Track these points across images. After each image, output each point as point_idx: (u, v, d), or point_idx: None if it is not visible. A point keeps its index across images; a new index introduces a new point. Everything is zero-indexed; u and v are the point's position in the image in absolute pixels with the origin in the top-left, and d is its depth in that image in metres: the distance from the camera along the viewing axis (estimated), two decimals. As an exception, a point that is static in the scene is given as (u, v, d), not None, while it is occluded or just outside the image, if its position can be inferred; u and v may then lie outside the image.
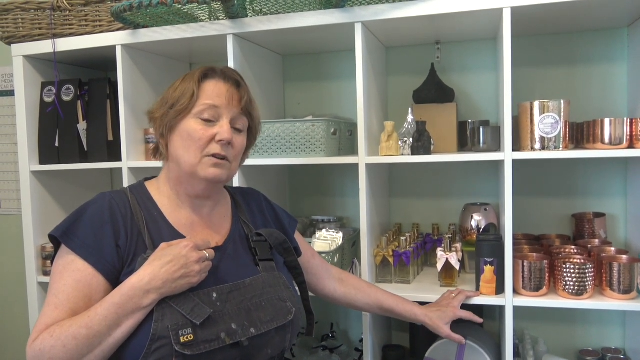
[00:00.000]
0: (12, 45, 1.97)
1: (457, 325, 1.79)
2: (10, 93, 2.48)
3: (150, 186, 1.19)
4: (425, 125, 1.64)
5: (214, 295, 1.05)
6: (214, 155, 1.11)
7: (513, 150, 1.50)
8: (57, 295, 1.01)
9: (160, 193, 1.17)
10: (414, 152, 1.64)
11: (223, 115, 1.13)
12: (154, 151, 1.23)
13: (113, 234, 1.06)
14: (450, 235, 1.68)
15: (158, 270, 0.98)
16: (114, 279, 1.04)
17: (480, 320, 1.50)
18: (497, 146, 1.72)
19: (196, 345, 0.98)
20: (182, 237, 1.11)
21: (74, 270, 1.02)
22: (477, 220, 1.80)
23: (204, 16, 1.72)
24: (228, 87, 1.15)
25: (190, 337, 0.97)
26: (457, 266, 1.63)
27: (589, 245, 1.68)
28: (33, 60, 2.01)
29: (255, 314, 1.08)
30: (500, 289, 1.55)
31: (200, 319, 0.99)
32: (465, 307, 1.65)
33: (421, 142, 1.62)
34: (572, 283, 1.49)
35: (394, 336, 2.07)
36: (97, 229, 1.06)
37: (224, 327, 1.02)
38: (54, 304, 1.00)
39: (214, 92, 1.13)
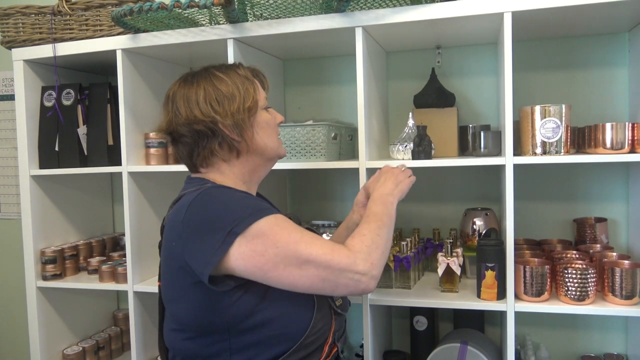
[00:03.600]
0: (13, 49, 1.96)
1: (457, 331, 1.78)
2: (11, 97, 2.48)
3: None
4: (425, 130, 1.63)
5: None
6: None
7: (514, 154, 1.49)
8: (303, 235, 1.06)
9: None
10: (415, 156, 1.64)
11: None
12: (228, 151, 1.20)
13: (255, 200, 1.17)
14: (451, 240, 1.67)
15: (382, 185, 1.32)
16: None
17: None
18: (497, 151, 1.72)
19: (342, 307, 1.21)
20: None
21: (285, 220, 1.08)
22: (478, 225, 1.79)
23: (204, 20, 1.72)
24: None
25: (340, 301, 1.21)
26: (458, 271, 1.62)
27: (591, 251, 1.68)
28: (33, 64, 2.01)
29: None
30: (501, 295, 1.54)
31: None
32: (466, 312, 1.65)
33: (422, 146, 1.62)
34: (573, 288, 1.48)
35: (394, 341, 2.06)
36: (249, 199, 1.14)
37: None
38: (314, 238, 1.06)
39: (258, 84, 1.25)
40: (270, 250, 1.02)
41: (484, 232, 1.78)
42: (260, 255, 1.01)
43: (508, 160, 1.49)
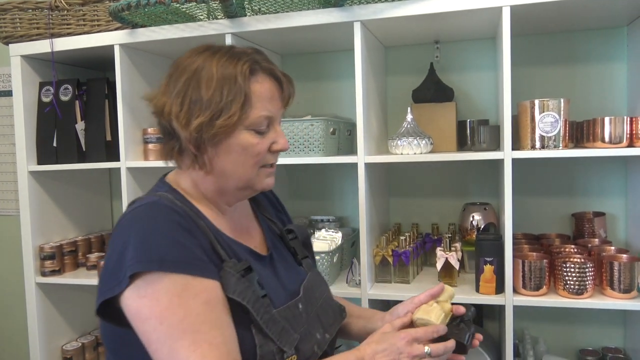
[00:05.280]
0: (10, 45, 1.96)
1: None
2: (8, 93, 2.47)
3: (186, 195, 1.00)
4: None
5: (300, 306, 1.00)
6: (270, 165, 1.02)
7: (513, 149, 1.49)
8: (198, 330, 0.82)
9: (198, 201, 1.00)
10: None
11: (275, 120, 1.00)
12: (189, 161, 0.98)
13: (193, 238, 0.90)
14: (449, 235, 1.67)
15: (372, 355, 0.94)
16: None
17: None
18: (496, 145, 1.72)
19: None
20: (244, 246, 1.01)
21: (195, 294, 0.84)
22: (476, 219, 1.79)
23: (202, 15, 1.72)
24: (273, 84, 0.99)
25: (294, 357, 0.93)
26: (456, 266, 1.62)
27: (589, 245, 1.68)
28: (31, 60, 2.00)
29: (323, 318, 1.05)
30: (500, 289, 1.54)
31: (291, 346, 0.92)
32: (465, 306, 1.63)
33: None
34: (572, 282, 1.48)
35: (393, 336, 2.06)
36: (181, 238, 0.88)
37: (313, 339, 0.99)
38: (205, 342, 0.81)
39: (265, 96, 0.97)
40: (152, 323, 0.82)
41: (482, 226, 1.78)
42: (141, 321, 0.83)
43: (507, 154, 1.49)
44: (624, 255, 1.54)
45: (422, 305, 1.08)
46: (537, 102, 1.51)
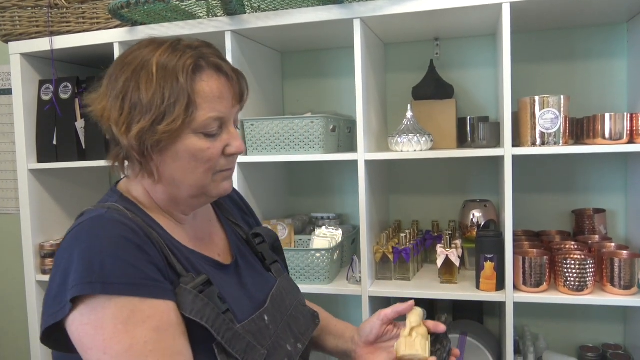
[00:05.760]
0: (10, 43, 1.96)
1: (456, 322, 1.78)
2: (8, 91, 2.47)
3: (139, 204, 0.94)
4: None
5: (266, 318, 0.94)
6: (227, 169, 0.94)
7: (513, 146, 1.49)
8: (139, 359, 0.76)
9: (152, 210, 0.93)
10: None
11: (227, 121, 0.92)
12: (138, 169, 0.91)
13: (144, 254, 0.82)
14: (450, 232, 1.67)
15: None
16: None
17: None
18: (496, 142, 1.72)
19: None
20: (205, 257, 0.95)
21: (143, 320, 0.77)
22: (477, 216, 1.80)
23: (201, 13, 1.72)
24: (222, 81, 0.90)
25: None
26: (457, 263, 1.62)
27: (589, 241, 1.68)
28: (30, 58, 2.00)
29: (294, 327, 1.00)
30: (500, 285, 1.54)
31: None
32: (465, 303, 1.65)
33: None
34: (572, 279, 1.48)
35: (394, 333, 2.06)
36: (128, 256, 0.80)
37: (283, 352, 0.93)
38: None
39: (212, 95, 0.88)
40: (95, 353, 0.75)
41: (482, 223, 1.78)
42: (85, 350, 0.76)
43: (507, 151, 1.49)
44: (625, 252, 1.54)
45: (401, 337, 1.05)
46: (537, 98, 1.51)
